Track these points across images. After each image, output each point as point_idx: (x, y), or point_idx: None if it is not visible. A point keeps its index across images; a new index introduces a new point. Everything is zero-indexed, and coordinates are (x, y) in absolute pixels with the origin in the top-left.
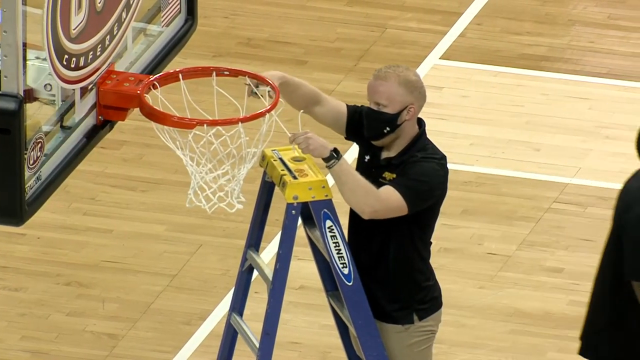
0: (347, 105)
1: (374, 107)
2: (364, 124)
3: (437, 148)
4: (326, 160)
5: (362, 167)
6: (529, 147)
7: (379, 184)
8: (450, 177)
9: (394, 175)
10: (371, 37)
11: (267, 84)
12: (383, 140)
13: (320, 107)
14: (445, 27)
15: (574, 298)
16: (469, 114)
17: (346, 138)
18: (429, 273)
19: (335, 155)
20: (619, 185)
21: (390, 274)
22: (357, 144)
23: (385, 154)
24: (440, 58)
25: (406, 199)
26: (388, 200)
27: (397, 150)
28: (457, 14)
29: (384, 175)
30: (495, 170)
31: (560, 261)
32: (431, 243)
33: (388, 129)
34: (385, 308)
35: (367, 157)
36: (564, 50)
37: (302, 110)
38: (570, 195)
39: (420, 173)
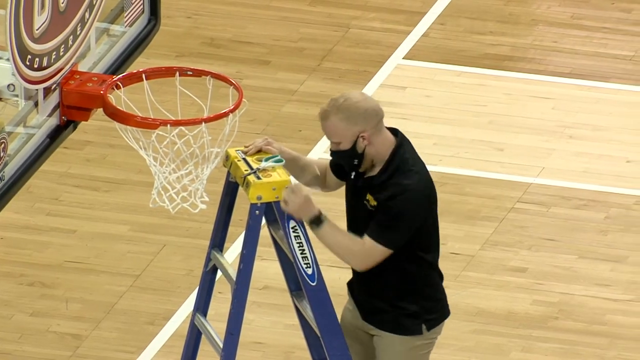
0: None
1: (333, 148)
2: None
3: (417, 158)
4: (309, 223)
5: (349, 184)
6: (492, 147)
7: (364, 209)
8: None
9: (375, 203)
10: (334, 37)
11: (230, 83)
12: (363, 166)
13: (305, 171)
14: (409, 27)
15: (537, 298)
16: (432, 114)
17: (337, 177)
18: (436, 282)
19: (317, 221)
20: (582, 185)
21: (392, 285)
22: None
23: (368, 173)
24: (403, 58)
25: (388, 245)
26: (372, 254)
27: (377, 169)
28: (421, 14)
29: (367, 197)
30: (458, 170)
31: (523, 261)
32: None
33: (356, 161)
34: (392, 319)
35: (353, 174)
36: (527, 50)
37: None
38: (533, 195)
39: (395, 214)
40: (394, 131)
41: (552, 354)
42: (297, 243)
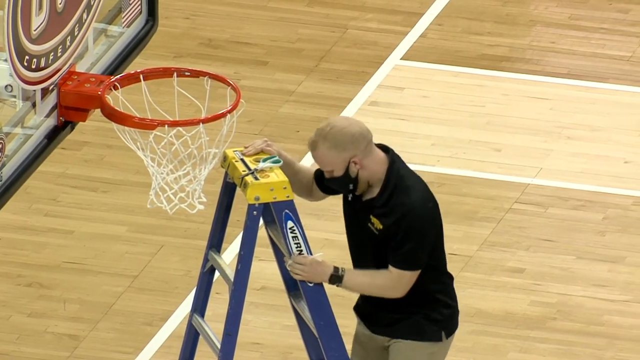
0: (315, 171)
1: (327, 175)
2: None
3: (411, 172)
4: (330, 283)
5: (346, 206)
6: (490, 148)
7: (368, 232)
8: None
9: (381, 226)
10: (332, 37)
11: (228, 84)
12: (359, 189)
13: (295, 176)
14: (406, 27)
15: (535, 298)
16: (429, 115)
17: (323, 191)
18: (449, 289)
19: (336, 278)
20: (579, 186)
21: (409, 297)
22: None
23: (367, 195)
24: (401, 59)
25: (414, 268)
26: (404, 281)
27: (376, 190)
28: (418, 15)
29: (372, 220)
30: (456, 171)
31: (521, 261)
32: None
33: (351, 185)
34: (412, 325)
35: (350, 197)
36: (525, 50)
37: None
38: (531, 195)
39: (409, 236)
40: (385, 148)
41: (549, 355)
42: (295, 244)
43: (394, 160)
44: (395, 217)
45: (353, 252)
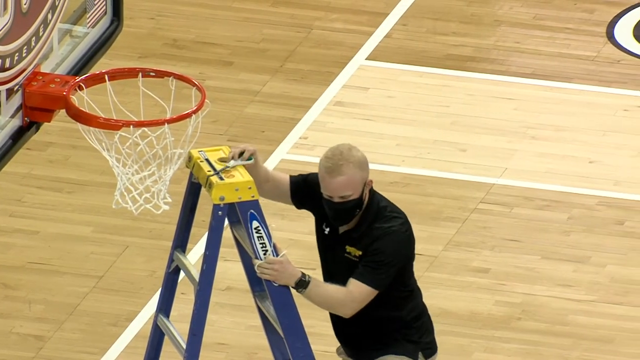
0: (291, 177)
1: (340, 200)
2: (331, 216)
3: (393, 205)
4: (295, 287)
5: (322, 239)
6: (455, 148)
7: (345, 261)
8: (376, 177)
9: (359, 252)
10: (297, 37)
11: (193, 84)
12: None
13: (264, 183)
14: (371, 27)
15: (500, 298)
16: (394, 115)
17: (297, 207)
18: (425, 317)
19: (302, 283)
20: (544, 186)
21: (389, 330)
22: (311, 212)
23: (344, 227)
24: (366, 59)
25: (376, 286)
26: (361, 298)
27: (355, 221)
28: (383, 15)
29: (348, 250)
30: (421, 171)
31: (486, 261)
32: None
33: (358, 210)
34: (394, 343)
35: (327, 230)
36: (490, 50)
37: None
38: (496, 195)
39: (382, 256)
40: None
41: (515, 355)
42: (260, 244)
43: (374, 192)
44: (373, 238)
45: (327, 280)
